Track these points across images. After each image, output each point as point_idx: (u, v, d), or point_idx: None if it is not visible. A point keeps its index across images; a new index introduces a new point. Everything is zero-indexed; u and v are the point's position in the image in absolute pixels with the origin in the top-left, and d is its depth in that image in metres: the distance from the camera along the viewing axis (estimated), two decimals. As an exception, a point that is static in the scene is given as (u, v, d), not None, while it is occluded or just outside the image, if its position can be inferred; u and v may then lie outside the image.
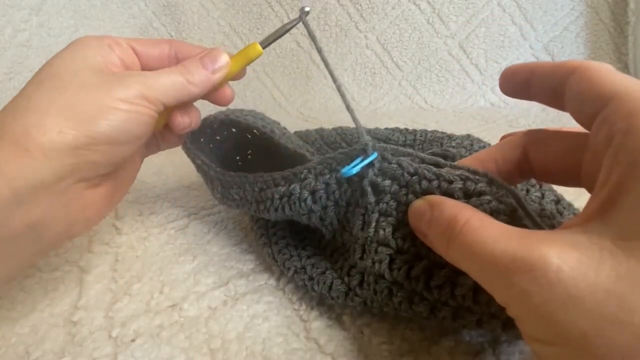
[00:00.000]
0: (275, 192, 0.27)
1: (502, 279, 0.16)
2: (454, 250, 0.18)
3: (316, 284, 0.26)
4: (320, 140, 0.40)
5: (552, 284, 0.14)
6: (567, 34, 0.71)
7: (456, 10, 0.71)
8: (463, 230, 0.18)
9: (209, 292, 0.29)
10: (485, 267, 0.17)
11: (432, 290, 0.21)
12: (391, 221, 0.22)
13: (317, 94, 0.75)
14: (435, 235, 0.20)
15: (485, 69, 0.72)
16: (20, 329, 0.26)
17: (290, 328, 0.26)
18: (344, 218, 0.25)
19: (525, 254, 0.15)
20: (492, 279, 0.17)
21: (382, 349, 0.24)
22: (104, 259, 0.33)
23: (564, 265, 0.14)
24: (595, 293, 0.14)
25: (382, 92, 0.74)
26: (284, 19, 0.72)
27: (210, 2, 0.72)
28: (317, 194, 0.25)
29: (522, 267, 0.15)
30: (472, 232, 0.17)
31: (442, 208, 0.20)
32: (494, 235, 0.17)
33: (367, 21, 0.72)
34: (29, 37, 0.62)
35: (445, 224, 0.19)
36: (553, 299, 0.14)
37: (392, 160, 0.23)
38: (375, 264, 0.22)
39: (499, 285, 0.16)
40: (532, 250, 0.15)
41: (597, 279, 0.14)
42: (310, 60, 0.74)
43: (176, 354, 0.24)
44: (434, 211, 0.20)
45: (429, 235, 0.20)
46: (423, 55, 0.73)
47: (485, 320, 0.20)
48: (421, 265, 0.21)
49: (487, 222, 0.18)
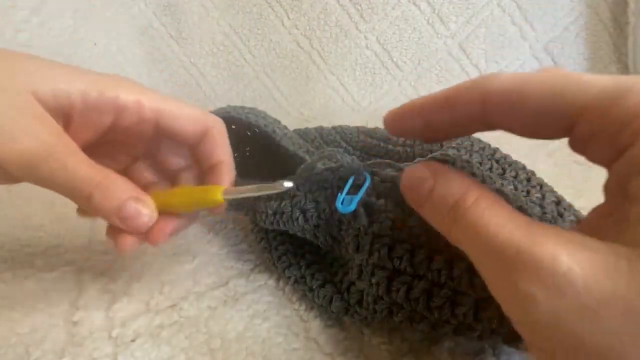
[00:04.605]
0: (268, 207, 0.26)
1: (505, 275, 0.14)
2: (457, 230, 0.17)
3: (316, 297, 0.26)
4: (320, 139, 0.40)
5: (563, 288, 0.13)
6: (567, 34, 0.70)
7: (456, 11, 0.71)
8: (470, 209, 0.16)
9: (208, 292, 0.29)
10: (488, 254, 0.15)
11: (433, 310, 0.20)
12: (386, 241, 0.21)
13: (317, 94, 0.75)
14: (438, 210, 0.18)
15: (485, 69, 0.72)
16: (20, 329, 0.26)
17: (290, 328, 0.26)
18: (338, 234, 0.24)
19: (532, 247, 0.14)
20: (495, 271, 0.15)
21: (382, 349, 0.24)
22: (104, 259, 0.33)
23: (575, 266, 0.13)
24: (613, 306, 0.12)
25: (382, 92, 0.74)
26: (284, 19, 0.72)
27: (210, 2, 0.72)
28: (308, 213, 0.24)
29: (527, 264, 0.13)
30: (480, 212, 0.16)
31: (449, 180, 0.18)
32: (501, 220, 0.15)
33: (367, 21, 0.72)
34: (29, 37, 0.62)
35: (453, 199, 0.17)
36: (563, 308, 0.13)
37: (387, 178, 0.22)
38: (373, 286, 0.21)
39: (501, 281, 0.15)
40: (540, 244, 0.13)
41: (615, 289, 0.12)
42: (310, 60, 0.74)
43: (176, 354, 0.24)
44: (439, 182, 0.18)
45: (426, 207, 0.18)
46: (423, 55, 0.73)
47: (486, 336, 0.20)
48: (420, 285, 0.20)
49: (497, 205, 0.16)
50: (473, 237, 0.16)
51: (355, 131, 0.40)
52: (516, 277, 0.14)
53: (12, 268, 0.31)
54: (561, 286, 0.13)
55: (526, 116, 0.17)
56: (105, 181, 0.23)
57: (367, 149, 0.39)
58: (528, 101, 0.16)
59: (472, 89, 0.18)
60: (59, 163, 0.22)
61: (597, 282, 0.12)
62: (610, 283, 0.12)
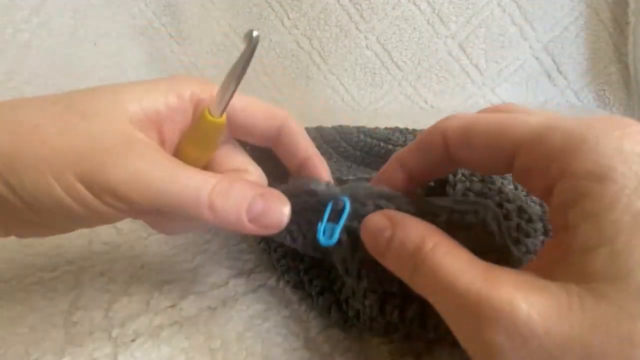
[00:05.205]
0: None
1: (469, 323, 0.15)
2: (419, 278, 0.17)
3: (315, 304, 0.26)
4: (320, 138, 0.40)
5: (525, 336, 0.13)
6: (567, 34, 0.71)
7: (456, 11, 0.71)
8: (429, 256, 0.16)
9: (208, 292, 0.29)
10: (450, 302, 0.15)
11: (428, 329, 0.20)
12: (374, 266, 0.20)
13: (317, 94, 0.75)
14: (398, 259, 0.18)
15: (485, 69, 0.72)
16: (20, 329, 0.26)
17: (290, 328, 0.26)
18: (328, 252, 0.24)
19: (491, 293, 0.14)
20: (458, 319, 0.15)
21: (382, 349, 0.24)
22: (104, 259, 0.32)
23: (533, 311, 0.13)
24: (572, 350, 0.13)
25: (382, 92, 0.74)
26: (284, 19, 0.72)
27: (210, 2, 0.72)
28: (294, 233, 0.24)
29: (489, 312, 0.14)
30: (439, 258, 0.16)
31: (407, 228, 0.18)
32: (461, 265, 0.16)
33: (367, 21, 0.72)
34: (29, 37, 0.62)
35: (412, 247, 0.17)
36: (527, 356, 0.13)
37: (367, 202, 0.21)
38: (367, 307, 0.21)
39: (465, 329, 0.15)
40: (498, 289, 0.14)
41: (572, 331, 0.13)
42: (310, 60, 0.74)
43: (176, 354, 0.24)
44: (398, 231, 0.18)
45: (387, 257, 0.19)
46: (423, 55, 0.73)
47: None
48: (414, 307, 0.20)
49: (456, 250, 0.16)
50: (434, 284, 0.16)
51: (355, 131, 0.40)
52: (479, 325, 0.14)
53: (12, 268, 0.31)
54: (523, 334, 0.13)
55: (475, 153, 0.18)
56: (222, 183, 0.21)
57: (367, 148, 0.39)
58: (474, 139, 0.18)
59: (435, 132, 0.20)
60: (167, 174, 0.20)
61: (556, 326, 0.13)
62: (567, 326, 0.13)
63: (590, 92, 0.72)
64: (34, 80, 0.62)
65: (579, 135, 0.15)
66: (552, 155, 0.15)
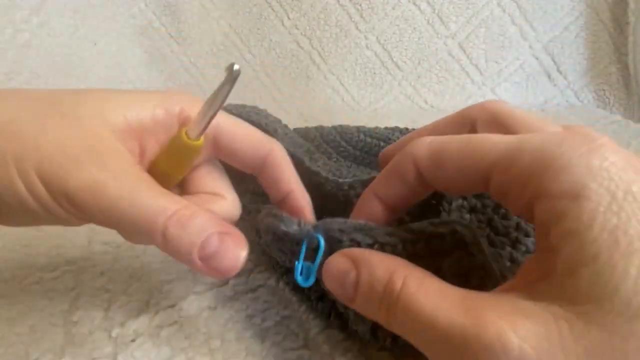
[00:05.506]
0: None
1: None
2: (395, 321, 0.16)
3: (315, 308, 0.26)
4: (320, 138, 0.40)
5: None
6: (567, 34, 0.70)
7: (456, 11, 0.71)
8: (401, 295, 0.15)
9: (208, 291, 0.29)
10: (434, 342, 0.15)
11: None
12: None
13: (317, 94, 0.75)
14: (369, 303, 0.17)
15: (485, 69, 0.72)
16: (20, 329, 0.26)
17: (289, 328, 0.26)
18: None
19: (477, 329, 0.13)
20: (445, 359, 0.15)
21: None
22: (104, 259, 0.32)
23: (525, 345, 0.13)
24: None
25: (382, 92, 0.74)
26: (284, 19, 0.72)
27: (210, 2, 0.72)
28: (279, 259, 0.23)
29: (479, 352, 0.13)
30: (412, 296, 0.15)
31: (372, 266, 0.17)
32: (434, 300, 0.15)
33: (367, 21, 0.72)
34: (29, 37, 0.62)
35: (381, 288, 0.16)
36: None
37: (343, 238, 0.20)
38: (360, 332, 0.21)
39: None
40: (484, 324, 0.13)
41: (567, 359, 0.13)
42: (310, 60, 0.74)
43: (176, 354, 0.24)
44: (362, 271, 0.17)
45: (357, 302, 0.17)
46: (423, 55, 0.73)
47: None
48: None
49: (427, 281, 0.16)
50: (412, 324, 0.15)
51: (355, 131, 0.40)
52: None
53: (12, 268, 0.31)
54: None
55: (449, 176, 0.18)
56: (183, 211, 0.19)
57: (367, 148, 0.39)
58: (446, 164, 0.18)
59: (406, 159, 0.19)
60: (125, 190, 0.19)
61: (549, 358, 0.13)
62: (562, 355, 0.13)
63: (590, 92, 0.72)
64: (34, 80, 0.62)
65: (549, 154, 0.15)
66: (525, 176, 0.15)
